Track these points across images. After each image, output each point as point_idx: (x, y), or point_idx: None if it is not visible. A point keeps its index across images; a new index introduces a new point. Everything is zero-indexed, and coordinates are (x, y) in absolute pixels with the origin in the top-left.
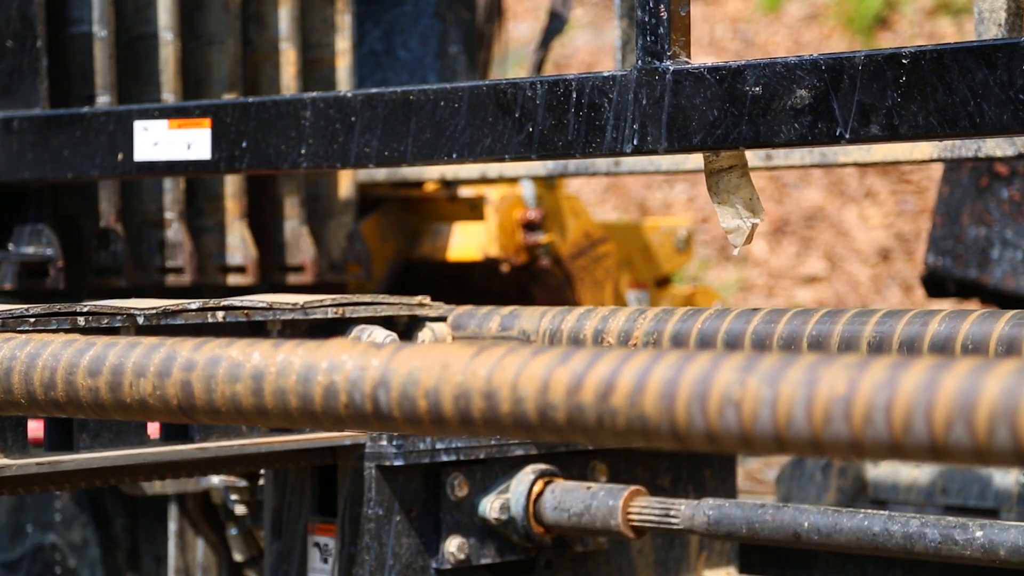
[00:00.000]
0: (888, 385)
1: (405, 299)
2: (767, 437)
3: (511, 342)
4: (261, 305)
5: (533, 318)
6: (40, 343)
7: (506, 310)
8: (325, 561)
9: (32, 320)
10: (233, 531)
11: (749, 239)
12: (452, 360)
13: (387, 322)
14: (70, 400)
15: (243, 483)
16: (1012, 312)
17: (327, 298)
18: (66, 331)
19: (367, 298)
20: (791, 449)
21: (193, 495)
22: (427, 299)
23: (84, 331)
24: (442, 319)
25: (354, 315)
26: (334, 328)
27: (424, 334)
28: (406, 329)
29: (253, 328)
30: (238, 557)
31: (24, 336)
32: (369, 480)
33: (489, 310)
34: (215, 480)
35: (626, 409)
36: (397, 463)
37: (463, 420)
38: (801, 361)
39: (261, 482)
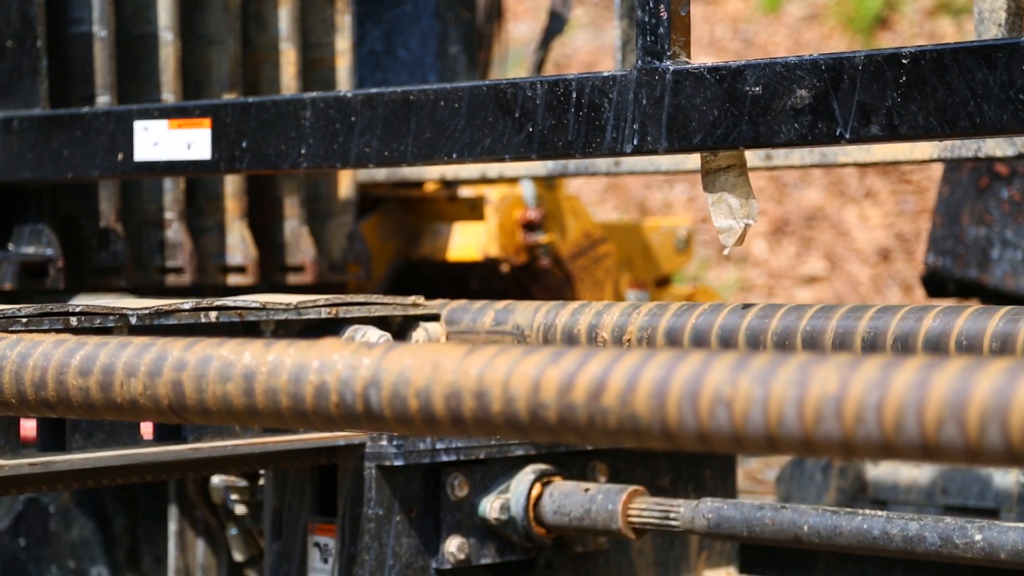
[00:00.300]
0: (879, 384)
1: (399, 299)
2: (758, 436)
3: (503, 342)
4: (254, 305)
5: (527, 313)
6: (31, 343)
7: (500, 304)
8: (325, 561)
9: (24, 320)
10: (233, 531)
11: (741, 240)
12: (443, 359)
13: (381, 322)
14: (60, 400)
15: (243, 483)
16: (1006, 308)
17: (321, 298)
18: (58, 331)
19: (360, 298)
20: (782, 449)
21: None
22: (421, 299)
23: (77, 331)
24: (436, 318)
25: (348, 315)
26: (328, 328)
27: (418, 334)
28: (400, 329)
29: (247, 328)
30: (238, 557)
31: (15, 336)
32: (369, 480)
33: (483, 304)
34: (215, 480)
35: (617, 408)
36: (397, 463)
37: (454, 420)
38: (792, 360)
39: (261, 482)
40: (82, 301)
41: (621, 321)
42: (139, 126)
